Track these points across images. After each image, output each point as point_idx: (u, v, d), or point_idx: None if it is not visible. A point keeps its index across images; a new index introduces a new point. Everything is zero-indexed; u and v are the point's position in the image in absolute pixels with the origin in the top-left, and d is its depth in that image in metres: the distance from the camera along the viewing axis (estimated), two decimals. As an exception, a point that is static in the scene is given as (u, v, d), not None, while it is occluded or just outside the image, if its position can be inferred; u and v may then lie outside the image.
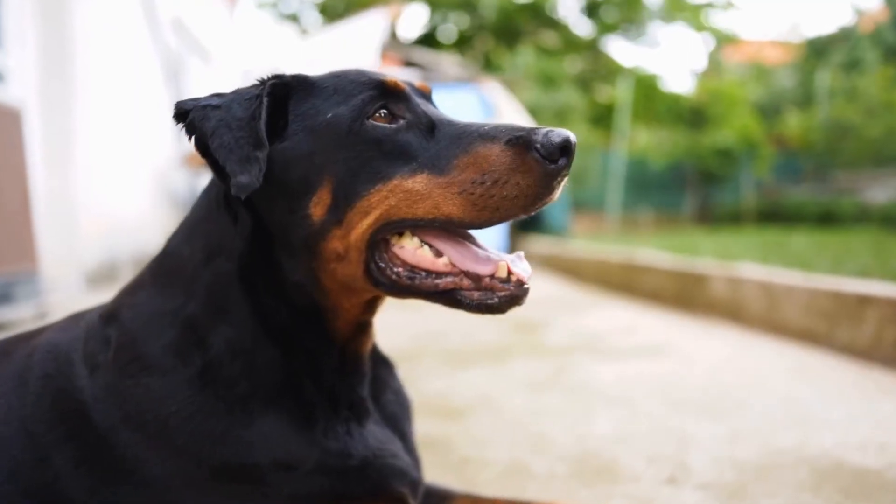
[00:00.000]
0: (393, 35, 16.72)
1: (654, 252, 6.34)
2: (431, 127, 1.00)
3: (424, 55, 11.45)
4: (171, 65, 8.31)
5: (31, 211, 3.98)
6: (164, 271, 1.05)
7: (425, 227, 0.98)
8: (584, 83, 19.62)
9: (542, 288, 6.41)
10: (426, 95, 1.12)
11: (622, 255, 6.31)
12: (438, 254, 0.99)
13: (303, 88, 1.02)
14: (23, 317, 3.75)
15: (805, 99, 17.19)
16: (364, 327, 1.09)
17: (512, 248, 9.75)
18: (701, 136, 16.28)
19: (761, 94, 18.48)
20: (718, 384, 2.66)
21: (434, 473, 1.64)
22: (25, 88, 5.13)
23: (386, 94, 1.00)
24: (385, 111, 0.99)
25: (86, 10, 5.96)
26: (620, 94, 15.02)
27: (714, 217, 16.25)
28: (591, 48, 21.93)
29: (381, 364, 1.22)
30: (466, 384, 2.70)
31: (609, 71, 20.60)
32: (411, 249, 0.99)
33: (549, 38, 20.86)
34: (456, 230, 1.01)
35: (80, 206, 5.68)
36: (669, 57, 35.39)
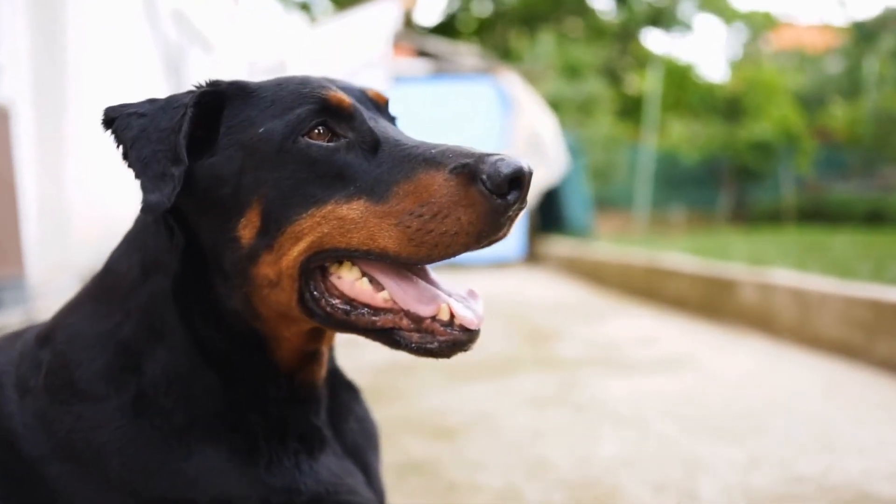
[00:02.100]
0: (408, 23, 16.74)
1: (680, 255, 6.24)
2: (375, 146, 0.95)
3: (439, 45, 11.41)
4: (171, 58, 8.38)
5: (19, 214, 4.03)
6: (101, 289, 1.04)
7: (362, 259, 0.94)
8: (611, 73, 19.46)
9: (560, 294, 6.35)
10: (381, 106, 1.08)
11: (646, 258, 6.23)
12: (379, 287, 0.95)
13: (239, 97, 0.98)
14: (10, 323, 3.80)
15: (851, 88, 16.84)
16: (313, 357, 1.06)
17: (530, 251, 9.72)
18: (737, 129, 16.03)
19: (803, 82, 18.15)
20: (740, 403, 2.59)
21: (416, 501, 1.61)
22: (16, 86, 5.19)
23: (327, 110, 0.96)
24: (323, 128, 0.95)
25: (80, 2, 6.04)
26: (650, 84, 14.86)
27: (751, 216, 15.99)
28: (619, 35, 21.76)
29: (344, 389, 1.20)
30: (465, 400, 2.66)
31: (638, 59, 20.40)
32: (350, 280, 0.95)
33: (574, 25, 20.73)
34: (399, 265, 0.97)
35: (73, 210, 5.75)
36: (703, 44, 34.91)
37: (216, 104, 0.97)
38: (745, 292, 4.40)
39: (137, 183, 0.93)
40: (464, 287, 1.01)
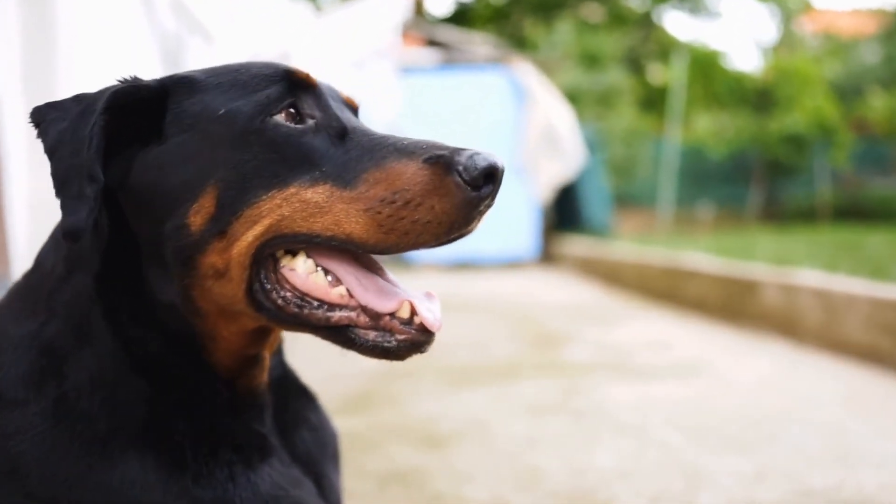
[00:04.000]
0: (418, 11, 16.76)
1: (701, 255, 6.19)
2: (343, 133, 0.96)
3: (450, 34, 11.41)
4: (169, 50, 8.47)
5: (3, 211, 4.08)
6: (28, 287, 1.03)
7: (321, 246, 0.94)
8: (634, 62, 19.33)
9: (573, 295, 6.32)
10: (350, 107, 1.08)
11: (665, 259, 6.18)
12: (334, 283, 0.95)
13: (185, 85, 0.98)
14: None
15: (890, 77, 16.58)
16: (253, 361, 1.04)
17: (545, 250, 9.68)
18: (768, 121, 15.84)
19: (838, 71, 17.91)
20: (751, 410, 2.56)
21: (394, 512, 1.61)
22: (6, 78, 5.26)
23: (295, 87, 0.97)
24: (292, 109, 0.96)
25: (72, -9, 6.11)
26: (674, 73, 14.74)
27: (783, 214, 15.80)
28: (642, 22, 21.61)
29: (298, 396, 1.18)
30: (460, 406, 2.66)
31: (662, 48, 20.25)
32: (303, 273, 0.95)
33: (593, 11, 20.62)
34: (360, 257, 0.97)
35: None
36: (732, 30, 34.52)
37: (140, 99, 0.96)
38: (767, 294, 4.35)
39: (59, 202, 0.90)
40: (421, 289, 1.00)
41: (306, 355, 2.28)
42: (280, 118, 0.95)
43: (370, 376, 3.09)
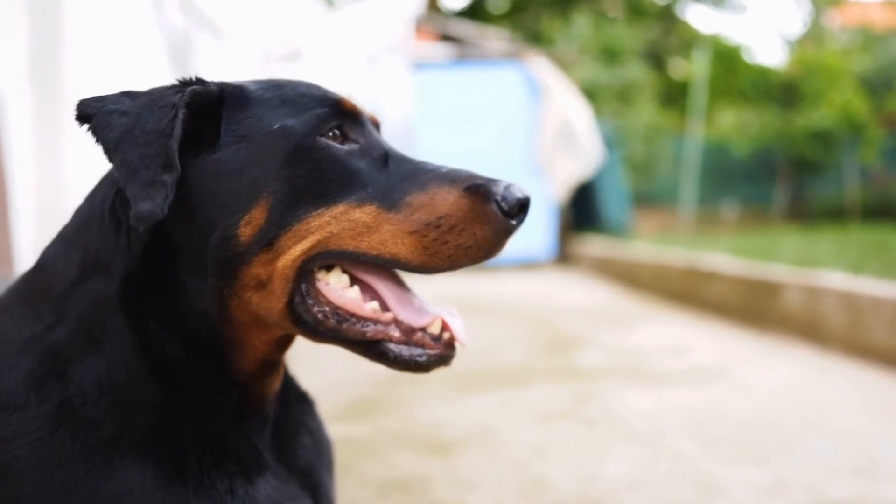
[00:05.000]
0: (432, 6, 16.77)
1: (722, 256, 6.13)
2: (385, 158, 1.03)
3: (464, 28, 11.40)
4: (177, 47, 8.54)
5: (8, 210, 4.13)
6: (32, 289, 1.03)
7: (363, 264, 1.00)
8: (654, 56, 19.20)
9: (590, 297, 6.29)
10: (377, 126, 1.13)
11: (685, 260, 6.13)
12: (366, 298, 1.01)
13: (237, 96, 1.02)
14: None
15: (924, 70, 16.33)
16: (272, 366, 1.07)
17: (562, 250, 9.64)
18: (794, 117, 15.65)
19: (868, 65, 17.66)
20: (770, 418, 2.53)
21: (394, 522, 1.60)
22: (12, 77, 5.32)
23: (342, 113, 1.03)
24: (339, 131, 1.02)
25: (78, -12, 6.17)
26: (696, 67, 14.62)
27: (810, 213, 15.60)
28: (663, 15, 21.46)
29: (298, 402, 1.19)
30: (468, 412, 2.65)
31: (684, 41, 20.11)
32: (338, 288, 1.00)
33: (612, 4, 20.52)
34: (391, 273, 1.03)
35: (71, 205, 5.88)
36: (757, 22, 34.11)
37: (209, 103, 1.00)
38: (790, 296, 4.30)
39: (127, 190, 0.93)
40: (436, 294, 1.03)
41: (310, 361, 2.29)
42: (329, 139, 1.00)
43: (377, 381, 3.09)
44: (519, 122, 9.47)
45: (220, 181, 0.97)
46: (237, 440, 1.02)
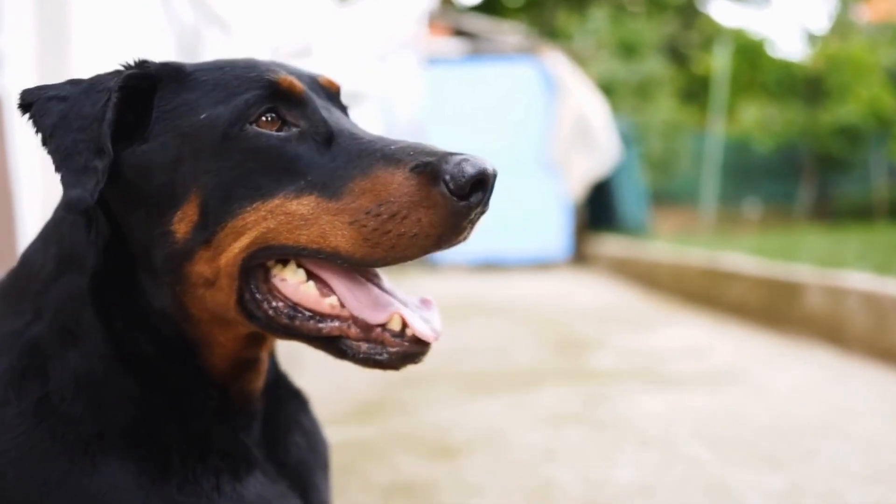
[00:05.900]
0: (446, 0, 16.75)
1: (742, 256, 6.08)
2: (329, 138, 0.96)
3: (478, 23, 11.40)
4: (186, 43, 8.61)
5: (13, 208, 4.18)
6: (14, 285, 1.05)
7: (310, 258, 0.95)
8: (674, 51, 19.08)
9: (605, 298, 6.27)
10: (333, 94, 1.08)
11: (704, 260, 6.08)
12: (325, 292, 0.96)
13: (174, 80, 0.98)
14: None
15: (955, 64, 16.09)
16: (251, 364, 1.05)
17: (577, 250, 9.60)
18: (819, 113, 15.47)
19: (897, 58, 17.44)
20: (788, 423, 2.50)
21: (395, 526, 1.60)
22: (20, 76, 5.39)
23: (277, 95, 0.97)
24: (273, 115, 0.96)
25: (86, -15, 6.23)
26: (718, 62, 14.51)
27: (836, 212, 15.41)
28: (684, 8, 21.31)
29: (290, 399, 1.19)
30: (476, 415, 2.65)
31: (706, 35, 19.95)
32: (294, 284, 0.96)
33: (632, -3, 20.42)
34: (348, 267, 0.98)
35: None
36: (781, 15, 33.74)
37: (146, 86, 0.98)
38: (811, 297, 4.25)
39: (58, 176, 0.93)
40: (417, 296, 1.01)
41: (316, 363, 2.30)
42: (261, 125, 0.95)
43: (385, 383, 3.10)
44: (534, 118, 9.46)
45: (151, 175, 0.95)
46: (223, 437, 1.02)
